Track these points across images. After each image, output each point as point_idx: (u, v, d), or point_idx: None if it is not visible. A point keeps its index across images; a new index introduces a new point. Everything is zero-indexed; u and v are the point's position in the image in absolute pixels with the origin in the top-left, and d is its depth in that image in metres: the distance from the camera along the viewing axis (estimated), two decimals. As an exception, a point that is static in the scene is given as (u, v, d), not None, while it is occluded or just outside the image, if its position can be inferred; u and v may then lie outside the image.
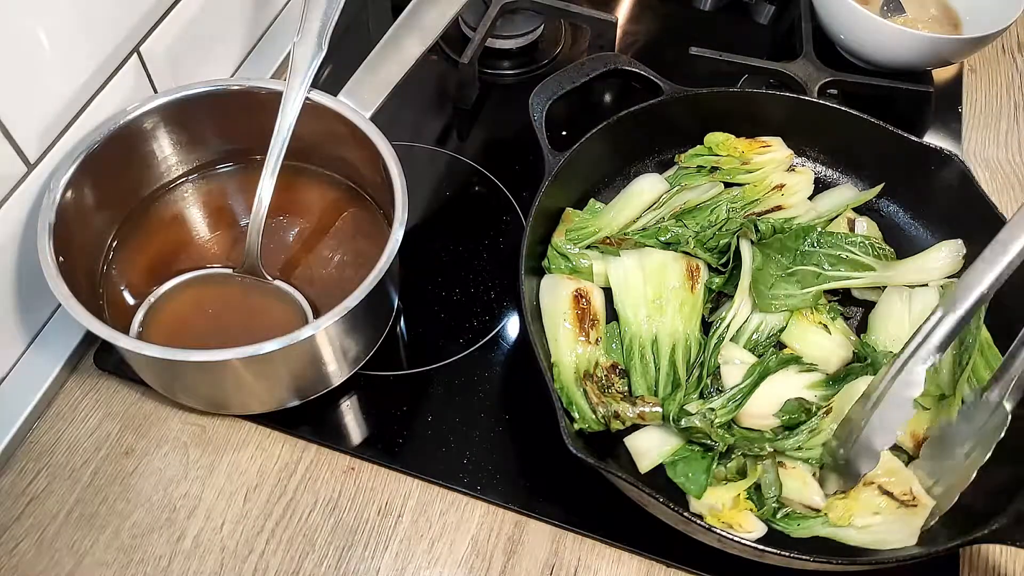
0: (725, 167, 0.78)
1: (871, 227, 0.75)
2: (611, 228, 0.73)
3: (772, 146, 0.79)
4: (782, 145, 0.79)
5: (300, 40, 0.65)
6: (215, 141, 0.70)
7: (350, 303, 0.55)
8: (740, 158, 0.78)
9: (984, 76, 0.98)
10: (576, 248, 0.71)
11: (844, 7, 0.86)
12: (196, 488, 0.63)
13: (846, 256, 0.71)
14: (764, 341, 0.69)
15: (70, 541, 0.60)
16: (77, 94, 0.61)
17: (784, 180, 0.78)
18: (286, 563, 0.60)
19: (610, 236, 0.73)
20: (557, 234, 0.71)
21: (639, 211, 0.75)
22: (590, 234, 0.72)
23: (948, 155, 0.73)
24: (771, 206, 0.76)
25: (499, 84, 0.92)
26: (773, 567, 0.56)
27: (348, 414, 0.67)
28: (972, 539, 0.54)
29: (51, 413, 0.66)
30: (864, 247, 0.72)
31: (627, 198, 0.76)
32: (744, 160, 0.78)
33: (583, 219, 0.73)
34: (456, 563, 0.61)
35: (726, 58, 0.88)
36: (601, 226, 0.73)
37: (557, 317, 0.66)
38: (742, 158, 0.78)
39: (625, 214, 0.74)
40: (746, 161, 0.78)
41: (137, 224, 0.68)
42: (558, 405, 0.58)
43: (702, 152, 0.79)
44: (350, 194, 0.71)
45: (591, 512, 0.62)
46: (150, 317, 0.63)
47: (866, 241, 0.72)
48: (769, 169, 0.78)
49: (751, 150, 0.78)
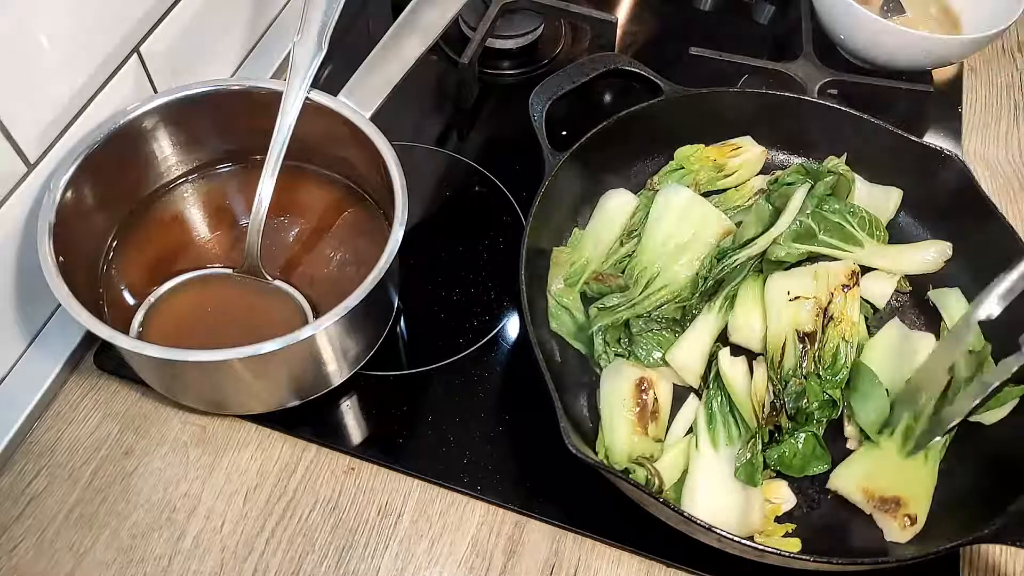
0: (702, 179, 0.77)
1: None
2: (597, 255, 0.73)
3: (743, 147, 0.79)
4: (753, 143, 0.79)
5: (300, 40, 0.65)
6: (215, 141, 0.70)
7: (350, 303, 0.55)
8: (714, 166, 0.78)
9: (984, 76, 0.98)
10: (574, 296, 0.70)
11: (844, 7, 0.86)
12: (196, 488, 0.63)
13: (844, 226, 0.72)
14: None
15: (70, 541, 0.60)
16: (77, 94, 0.61)
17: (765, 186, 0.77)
18: (286, 563, 0.60)
19: (599, 271, 0.72)
20: (552, 279, 0.70)
21: (618, 233, 0.74)
22: (581, 269, 0.71)
23: (948, 155, 0.73)
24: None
25: (499, 84, 0.92)
26: (773, 567, 0.56)
27: (348, 414, 0.67)
28: (972, 539, 0.55)
29: (51, 413, 0.66)
30: (863, 222, 0.73)
31: (602, 221, 0.75)
32: (719, 167, 0.78)
33: (569, 255, 0.72)
34: (456, 563, 0.61)
35: (726, 58, 0.88)
36: (588, 256, 0.72)
37: (616, 404, 0.63)
38: (715, 166, 0.78)
39: (604, 238, 0.74)
40: (721, 167, 0.78)
41: (137, 224, 0.68)
42: (558, 405, 0.58)
43: (674, 168, 0.78)
44: (350, 194, 0.71)
45: (591, 512, 0.62)
46: (150, 317, 0.63)
47: (866, 217, 0.73)
48: (746, 170, 0.78)
49: (723, 155, 0.78)
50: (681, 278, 0.69)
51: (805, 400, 0.63)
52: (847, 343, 0.66)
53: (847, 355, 0.66)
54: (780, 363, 0.65)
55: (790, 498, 0.62)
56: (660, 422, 0.64)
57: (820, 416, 0.64)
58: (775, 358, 0.65)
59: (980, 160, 0.90)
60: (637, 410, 0.63)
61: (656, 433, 0.63)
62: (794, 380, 0.64)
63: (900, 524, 0.59)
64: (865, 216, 0.73)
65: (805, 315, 0.66)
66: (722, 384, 0.65)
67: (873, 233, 0.73)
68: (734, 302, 0.69)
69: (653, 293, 0.68)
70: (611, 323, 0.67)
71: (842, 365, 0.65)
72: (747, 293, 0.69)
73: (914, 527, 0.59)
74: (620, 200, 0.75)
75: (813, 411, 0.64)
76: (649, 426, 0.63)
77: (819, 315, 0.67)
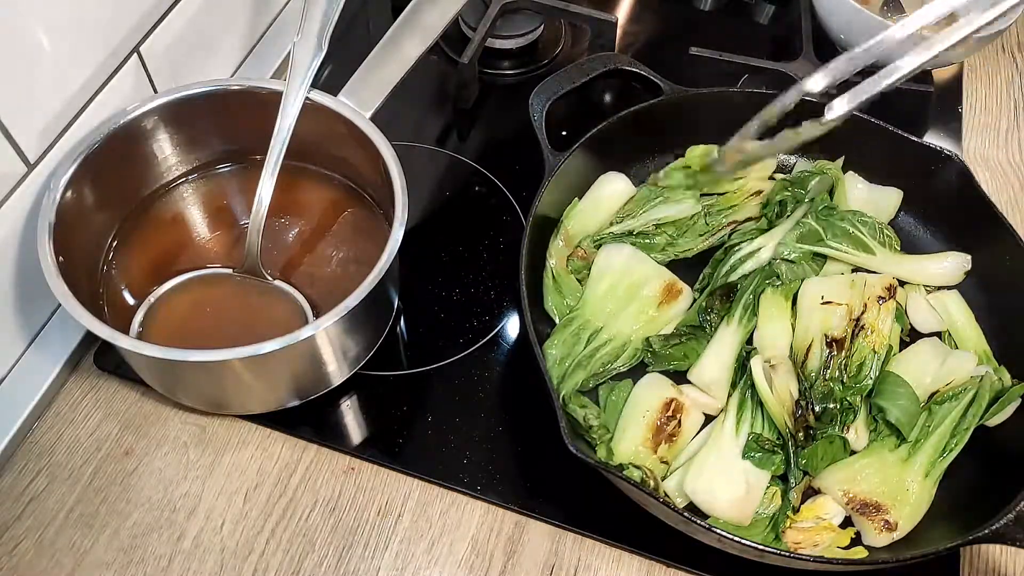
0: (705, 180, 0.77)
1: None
2: (584, 232, 0.73)
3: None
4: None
5: (300, 40, 0.65)
6: (215, 141, 0.70)
7: (350, 303, 0.55)
8: None
9: (984, 76, 0.98)
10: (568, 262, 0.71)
11: (844, 7, 0.86)
12: (196, 488, 0.63)
13: (852, 231, 0.72)
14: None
15: (70, 541, 0.60)
16: (77, 94, 0.61)
17: (762, 187, 0.77)
18: (286, 563, 0.60)
19: (582, 246, 0.72)
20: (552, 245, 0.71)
21: (608, 215, 0.74)
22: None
23: (948, 155, 0.73)
24: (750, 215, 0.76)
25: (499, 84, 0.92)
26: (773, 567, 0.56)
27: (348, 414, 0.67)
28: (972, 539, 0.54)
29: (51, 413, 0.66)
30: (873, 229, 0.73)
31: (595, 200, 0.75)
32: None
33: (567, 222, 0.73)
34: (456, 563, 0.61)
35: (726, 58, 0.88)
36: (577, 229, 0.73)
37: (637, 412, 0.64)
38: None
39: (595, 217, 0.74)
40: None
41: (137, 224, 0.68)
42: (558, 405, 0.58)
43: (681, 165, 0.78)
44: (350, 194, 0.71)
45: (591, 512, 0.62)
46: (150, 317, 0.63)
47: (877, 225, 0.73)
48: (754, 174, 0.78)
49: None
50: (625, 331, 0.68)
51: (832, 402, 0.63)
52: (875, 354, 0.65)
53: (874, 366, 0.65)
54: (804, 363, 0.65)
55: (837, 511, 0.62)
56: (674, 448, 0.63)
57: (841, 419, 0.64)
58: (799, 358, 0.65)
59: (980, 160, 0.90)
60: (655, 426, 0.63)
61: (665, 455, 0.63)
62: (819, 381, 0.64)
63: (877, 528, 0.59)
64: (876, 224, 0.73)
65: (835, 321, 0.66)
66: (754, 390, 0.64)
67: (885, 241, 0.73)
68: (753, 314, 0.68)
69: (599, 347, 0.67)
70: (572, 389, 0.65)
71: (867, 375, 0.65)
72: (769, 310, 0.68)
73: (891, 533, 0.59)
74: (615, 184, 0.76)
75: (836, 413, 0.63)
76: (661, 446, 0.63)
77: (850, 323, 0.67)
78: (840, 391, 0.64)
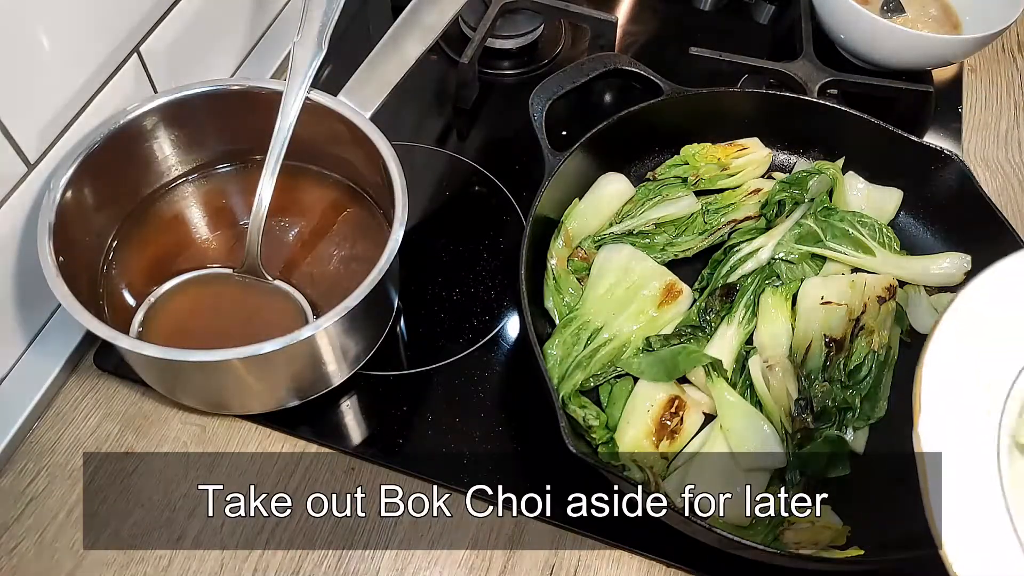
0: (705, 176, 0.77)
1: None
2: (584, 232, 0.73)
3: (749, 148, 0.79)
4: (759, 145, 0.79)
5: (300, 40, 0.65)
6: (215, 141, 0.70)
7: (350, 303, 0.55)
8: (718, 165, 0.78)
9: (984, 76, 0.98)
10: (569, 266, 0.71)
11: (844, 7, 0.86)
12: (196, 488, 0.63)
13: (852, 232, 0.72)
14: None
15: (70, 541, 0.60)
16: (77, 94, 0.61)
17: (760, 186, 0.77)
18: (286, 563, 0.60)
19: (582, 247, 0.72)
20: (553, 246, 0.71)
21: (608, 216, 0.74)
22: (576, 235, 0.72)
23: (948, 155, 0.73)
24: (748, 213, 0.76)
25: (499, 84, 0.92)
26: (773, 567, 0.56)
27: (348, 414, 0.67)
28: (972, 539, 0.54)
29: (51, 413, 0.66)
30: (872, 230, 0.73)
31: (595, 201, 0.75)
32: (723, 166, 0.78)
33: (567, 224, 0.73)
34: (456, 563, 0.61)
35: (726, 58, 0.88)
36: (577, 230, 0.73)
37: (642, 406, 0.64)
38: (720, 164, 0.78)
39: (596, 218, 0.74)
40: (725, 166, 0.78)
41: (137, 224, 0.68)
42: (558, 405, 0.58)
43: (679, 163, 0.78)
44: (350, 194, 0.71)
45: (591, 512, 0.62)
46: (150, 317, 0.63)
47: (876, 226, 0.73)
48: (750, 171, 0.78)
49: (728, 155, 0.78)
50: (625, 332, 0.68)
51: (830, 400, 0.63)
52: (875, 354, 0.66)
53: (873, 367, 0.65)
54: (803, 363, 0.65)
55: (835, 520, 0.61)
56: (675, 444, 0.63)
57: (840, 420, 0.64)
58: (799, 358, 0.65)
59: (980, 160, 0.90)
60: (659, 421, 0.63)
61: (665, 449, 0.63)
62: (819, 381, 0.64)
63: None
64: (875, 225, 0.73)
65: (835, 321, 0.66)
66: (753, 390, 0.65)
67: (884, 242, 0.73)
68: (753, 314, 0.68)
69: (599, 348, 0.67)
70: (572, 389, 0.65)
71: (865, 376, 0.65)
72: (769, 310, 0.68)
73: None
74: (616, 184, 0.76)
75: (834, 413, 0.63)
76: (662, 442, 0.63)
77: (849, 323, 0.66)
78: (839, 392, 0.64)
